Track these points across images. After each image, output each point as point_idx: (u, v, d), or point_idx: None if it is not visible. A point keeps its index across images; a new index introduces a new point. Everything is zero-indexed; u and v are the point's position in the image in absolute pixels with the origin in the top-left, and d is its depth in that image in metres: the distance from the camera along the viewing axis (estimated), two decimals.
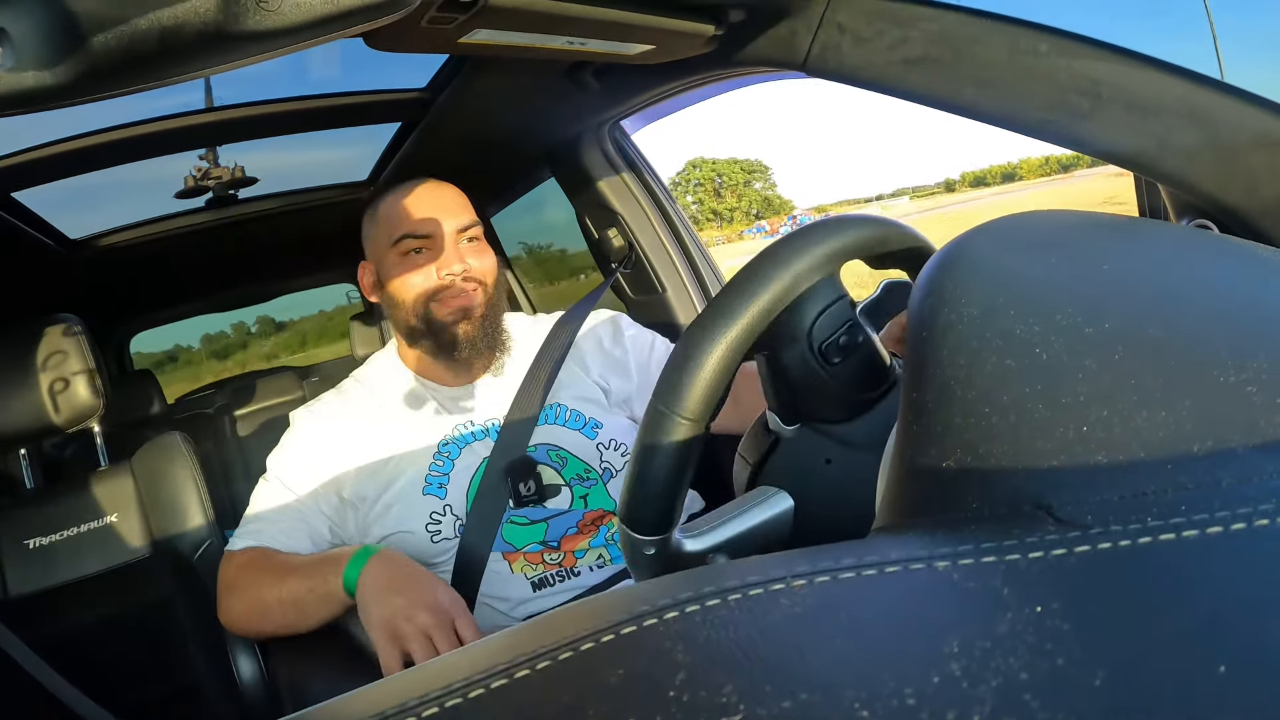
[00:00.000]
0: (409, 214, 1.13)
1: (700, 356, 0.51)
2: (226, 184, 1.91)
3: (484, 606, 1.08)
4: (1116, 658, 0.21)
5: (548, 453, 1.14)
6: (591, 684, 0.23)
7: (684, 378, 0.51)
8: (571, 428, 1.17)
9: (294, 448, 1.16)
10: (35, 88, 0.62)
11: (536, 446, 1.14)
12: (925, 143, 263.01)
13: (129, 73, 0.64)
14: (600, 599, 0.28)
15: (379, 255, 1.17)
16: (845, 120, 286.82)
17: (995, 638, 0.22)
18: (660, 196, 1.80)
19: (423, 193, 1.16)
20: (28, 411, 1.43)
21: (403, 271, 1.13)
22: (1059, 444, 0.31)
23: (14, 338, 1.47)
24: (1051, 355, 0.33)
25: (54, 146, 1.41)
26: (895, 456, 0.37)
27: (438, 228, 1.12)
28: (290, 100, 1.51)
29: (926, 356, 0.36)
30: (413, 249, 1.13)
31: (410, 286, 1.13)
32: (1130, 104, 0.72)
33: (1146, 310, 0.35)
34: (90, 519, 1.46)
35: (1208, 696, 0.19)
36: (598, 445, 1.16)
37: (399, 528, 1.09)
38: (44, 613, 1.39)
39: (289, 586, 1.01)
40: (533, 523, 1.10)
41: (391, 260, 1.14)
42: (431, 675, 0.25)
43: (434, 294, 1.13)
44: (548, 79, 1.39)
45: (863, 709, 0.20)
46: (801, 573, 0.27)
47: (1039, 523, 0.28)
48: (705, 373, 0.51)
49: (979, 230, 0.43)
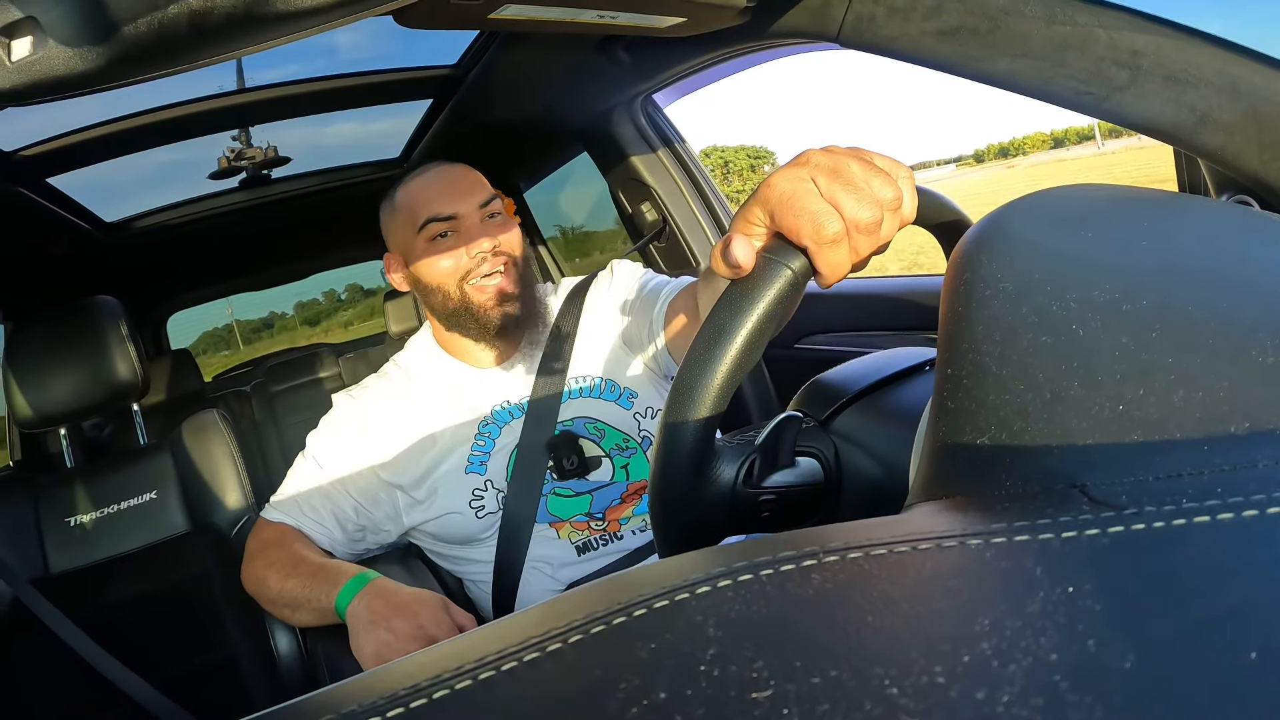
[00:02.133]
0: (430, 198, 1.14)
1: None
2: (260, 164, 1.93)
3: (530, 570, 1.10)
4: (1148, 641, 0.20)
5: (585, 425, 1.15)
6: (622, 658, 0.23)
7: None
8: (606, 399, 1.18)
9: (332, 430, 1.18)
10: (67, 74, 0.62)
11: (574, 420, 1.15)
12: (927, 123, 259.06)
13: (160, 56, 0.65)
14: (632, 573, 0.29)
15: (404, 244, 1.17)
16: (848, 98, 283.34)
17: (1026, 617, 0.22)
18: (694, 170, 1.79)
19: (438, 176, 1.16)
20: (68, 392, 1.46)
21: (433, 256, 1.14)
22: (1094, 422, 0.31)
23: (53, 320, 1.50)
24: (1088, 332, 0.33)
25: (87, 131, 1.43)
26: (929, 432, 0.37)
27: (461, 208, 1.13)
28: (321, 79, 1.52)
29: (961, 332, 0.36)
30: (439, 233, 1.13)
31: (442, 271, 1.13)
32: (1169, 76, 0.70)
33: (1185, 288, 0.34)
34: (130, 496, 1.49)
35: (1239, 683, 0.19)
36: (634, 415, 1.17)
37: (445, 509, 1.11)
38: (85, 588, 1.43)
39: (290, 587, 1.03)
40: (577, 494, 1.12)
41: (419, 247, 1.14)
42: (465, 649, 0.25)
43: (467, 275, 1.13)
44: (579, 53, 1.38)
45: (892, 686, 0.20)
46: (834, 548, 0.27)
47: (1073, 502, 0.28)
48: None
49: (1014, 205, 0.42)
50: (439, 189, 1.14)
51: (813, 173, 0.49)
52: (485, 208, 1.14)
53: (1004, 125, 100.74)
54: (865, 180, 0.48)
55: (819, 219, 0.46)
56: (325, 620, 1.00)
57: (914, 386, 0.62)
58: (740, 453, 0.55)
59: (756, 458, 0.55)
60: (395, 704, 0.23)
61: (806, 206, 0.47)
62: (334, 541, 1.13)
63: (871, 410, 0.61)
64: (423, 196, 1.14)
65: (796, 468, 0.58)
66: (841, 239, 0.46)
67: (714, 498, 0.54)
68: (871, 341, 1.44)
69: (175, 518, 1.49)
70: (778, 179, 0.49)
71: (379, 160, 2.20)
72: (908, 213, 0.51)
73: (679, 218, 1.78)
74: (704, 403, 0.46)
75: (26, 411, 1.46)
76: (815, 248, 0.47)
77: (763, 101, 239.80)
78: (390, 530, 1.16)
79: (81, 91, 0.65)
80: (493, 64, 1.44)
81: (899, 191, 0.49)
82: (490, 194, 1.16)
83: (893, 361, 0.66)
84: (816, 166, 0.49)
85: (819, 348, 1.56)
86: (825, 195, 0.48)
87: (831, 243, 0.46)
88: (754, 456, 0.55)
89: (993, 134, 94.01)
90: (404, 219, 1.16)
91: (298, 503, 1.13)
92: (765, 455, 0.55)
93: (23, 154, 1.38)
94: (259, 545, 1.13)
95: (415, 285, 1.19)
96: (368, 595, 0.95)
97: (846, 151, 0.51)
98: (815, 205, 0.47)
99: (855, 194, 0.47)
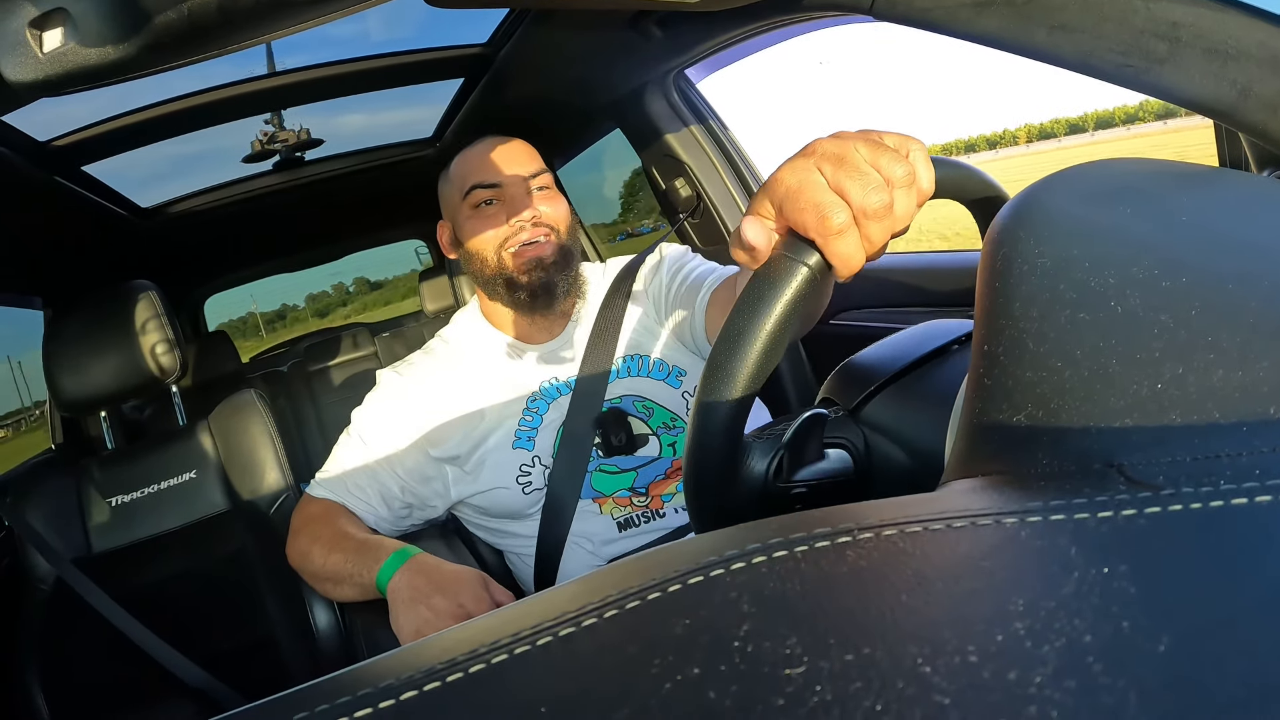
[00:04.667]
0: (478, 167, 1.16)
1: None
2: (293, 146, 1.95)
3: (572, 545, 1.11)
4: (1183, 624, 0.20)
5: (633, 403, 1.16)
6: (657, 633, 0.23)
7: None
8: (655, 378, 1.19)
9: (376, 407, 1.19)
10: (100, 63, 0.63)
11: (622, 398, 1.16)
12: (929, 107, 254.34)
13: (190, 42, 0.65)
14: (668, 548, 0.29)
15: (453, 212, 1.20)
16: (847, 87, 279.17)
17: (1060, 598, 0.22)
18: (727, 146, 1.78)
19: (489, 146, 1.18)
20: (108, 376, 1.49)
21: (476, 223, 1.16)
22: (1132, 401, 0.30)
23: (92, 305, 1.53)
24: (1126, 309, 0.32)
25: (121, 119, 1.45)
26: (965, 409, 0.37)
27: (506, 177, 1.14)
28: (351, 61, 1.53)
29: (998, 309, 0.36)
30: (484, 200, 1.15)
31: (484, 238, 1.15)
32: (1210, 49, 0.68)
33: (1225, 265, 0.34)
34: (170, 476, 1.52)
35: (1274, 670, 0.19)
36: (683, 394, 1.18)
37: (492, 484, 1.13)
38: (127, 567, 1.46)
39: (333, 562, 1.05)
40: (622, 471, 1.13)
41: (465, 214, 1.17)
42: (502, 623, 0.26)
43: (506, 242, 1.14)
44: (610, 30, 1.38)
45: (925, 665, 0.20)
46: (868, 525, 0.27)
47: (1109, 482, 0.28)
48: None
49: (1052, 179, 0.41)
50: (489, 158, 1.16)
51: (818, 162, 0.48)
52: (533, 179, 1.16)
53: (993, 120, 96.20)
54: (873, 161, 0.47)
55: (824, 210, 0.45)
56: (367, 595, 1.01)
57: (943, 369, 0.61)
58: (769, 448, 0.55)
59: (785, 454, 0.55)
60: (432, 678, 0.23)
61: (811, 199, 0.46)
62: (379, 519, 1.14)
63: (900, 397, 0.61)
64: (472, 165, 1.17)
65: (826, 460, 0.58)
66: (849, 228, 0.45)
67: (745, 492, 0.54)
68: (907, 318, 1.43)
69: (214, 497, 1.52)
70: (783, 172, 0.48)
71: (412, 140, 2.21)
72: (925, 186, 0.49)
73: (713, 193, 1.77)
74: (729, 413, 0.47)
75: (68, 396, 1.49)
76: (823, 240, 0.46)
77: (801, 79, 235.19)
78: (438, 505, 1.18)
79: (113, 80, 0.66)
80: (523, 42, 1.44)
81: (910, 167, 0.48)
82: (539, 168, 1.18)
83: (921, 341, 0.65)
84: (822, 156, 0.48)
85: (853, 324, 1.56)
86: (832, 184, 0.47)
87: (839, 234, 0.45)
88: (782, 452, 0.55)
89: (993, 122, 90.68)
90: (455, 186, 1.19)
91: (343, 480, 1.15)
92: (793, 452, 0.55)
93: (58, 143, 1.40)
94: (304, 520, 1.14)
95: (460, 253, 1.21)
96: (409, 571, 0.96)
97: (854, 135, 0.50)
98: (820, 197, 0.46)
99: (861, 179, 0.46)
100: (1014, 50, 0.81)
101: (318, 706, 0.23)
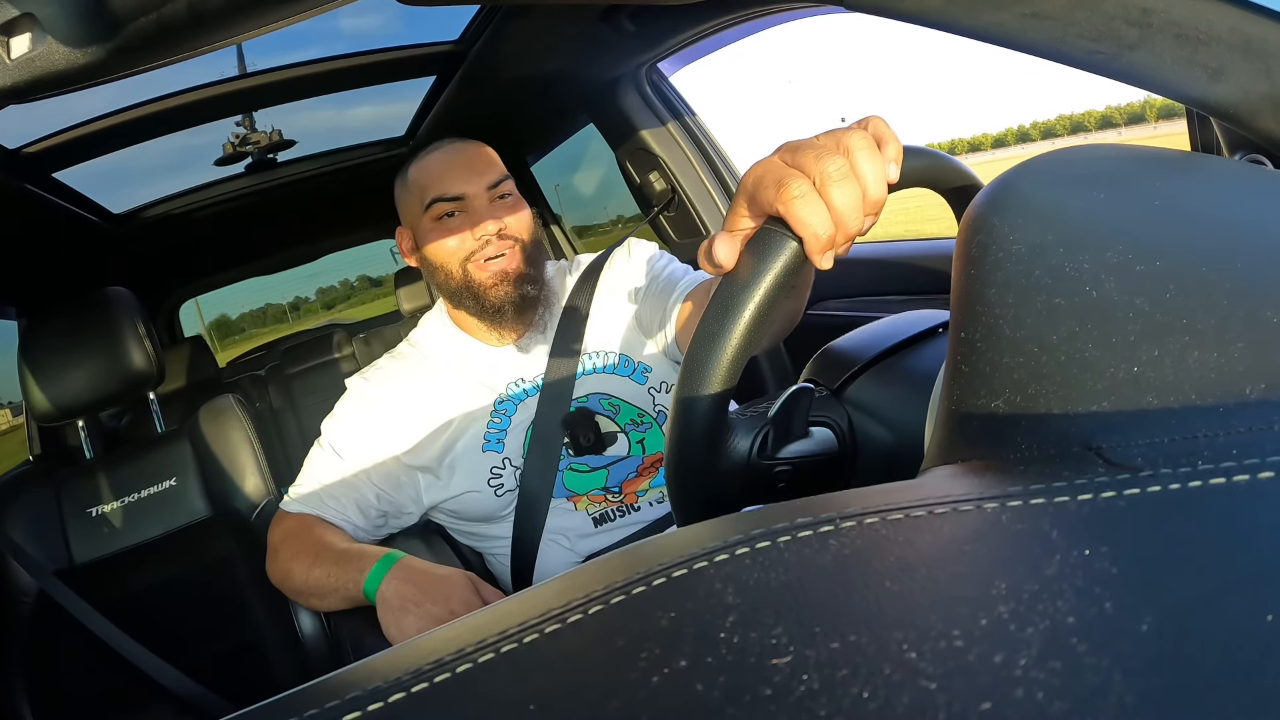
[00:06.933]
0: (439, 177, 1.13)
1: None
2: (265, 148, 1.94)
3: (548, 542, 1.11)
4: (1164, 603, 0.20)
5: (600, 401, 1.15)
6: (643, 627, 0.23)
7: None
8: (621, 374, 1.18)
9: (347, 416, 1.18)
10: (69, 68, 0.62)
11: (589, 396, 1.15)
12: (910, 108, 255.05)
13: (161, 45, 0.64)
14: (651, 543, 0.29)
15: (413, 221, 1.17)
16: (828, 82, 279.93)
17: (1043, 580, 0.22)
18: (701, 138, 1.78)
19: (449, 154, 1.15)
20: (85, 385, 1.47)
21: (438, 236, 1.13)
22: (1109, 384, 0.31)
23: (67, 314, 1.51)
24: (1102, 293, 0.33)
25: (91, 124, 1.43)
26: (943, 396, 0.37)
27: (468, 188, 1.12)
28: (323, 61, 1.52)
29: (974, 295, 0.36)
30: (445, 213, 1.13)
31: (447, 251, 1.13)
32: (1181, 34, 0.69)
33: (1199, 248, 0.34)
34: (149, 484, 1.51)
35: (1255, 646, 0.19)
36: (649, 390, 1.17)
37: (464, 488, 1.12)
38: (109, 577, 1.45)
39: (316, 576, 1.03)
40: (593, 469, 1.13)
41: (426, 225, 1.14)
42: (488, 622, 0.26)
43: (471, 256, 1.12)
44: (582, 24, 1.37)
45: (910, 650, 0.20)
46: (850, 514, 0.27)
47: (1088, 464, 0.28)
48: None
49: (1026, 166, 0.42)
50: (448, 168, 1.13)
51: (779, 154, 0.50)
52: (495, 189, 1.13)
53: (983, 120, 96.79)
54: (828, 138, 0.49)
55: (783, 180, 0.47)
56: (354, 604, 1.00)
57: (926, 352, 0.62)
58: (754, 425, 0.55)
59: (770, 430, 0.55)
60: (420, 679, 0.23)
61: (774, 177, 0.48)
62: (356, 529, 1.13)
63: (884, 377, 0.61)
64: (432, 175, 1.14)
65: (810, 438, 0.58)
66: (808, 193, 0.47)
67: (729, 470, 0.54)
68: (884, 306, 1.43)
69: (195, 503, 1.51)
70: (750, 169, 0.51)
71: (384, 139, 2.20)
72: (890, 153, 0.50)
73: (688, 186, 1.77)
74: (715, 377, 0.46)
75: (44, 406, 1.47)
76: (785, 209, 0.47)
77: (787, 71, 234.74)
78: (413, 512, 1.17)
79: (83, 85, 0.65)
80: (495, 38, 1.43)
81: (866, 135, 0.50)
82: (501, 174, 1.15)
83: (904, 326, 0.66)
84: (782, 148, 0.51)
85: (831, 313, 1.56)
86: (790, 164, 0.49)
87: (798, 198, 0.46)
88: (767, 428, 0.55)
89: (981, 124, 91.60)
90: (414, 196, 1.16)
91: (318, 494, 1.13)
92: (778, 427, 0.55)
93: (28, 150, 1.38)
94: (281, 536, 1.13)
95: (421, 262, 1.19)
96: (396, 579, 0.95)
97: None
98: (780, 173, 0.48)
99: (814, 150, 0.48)
100: (985, 39, 0.81)
101: (306, 711, 0.23)
